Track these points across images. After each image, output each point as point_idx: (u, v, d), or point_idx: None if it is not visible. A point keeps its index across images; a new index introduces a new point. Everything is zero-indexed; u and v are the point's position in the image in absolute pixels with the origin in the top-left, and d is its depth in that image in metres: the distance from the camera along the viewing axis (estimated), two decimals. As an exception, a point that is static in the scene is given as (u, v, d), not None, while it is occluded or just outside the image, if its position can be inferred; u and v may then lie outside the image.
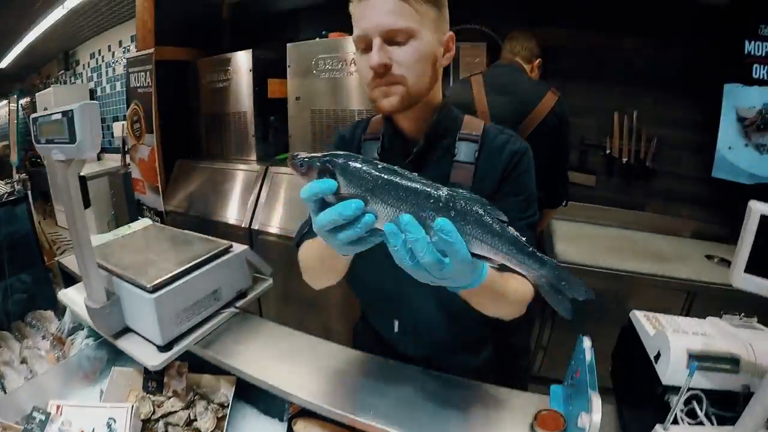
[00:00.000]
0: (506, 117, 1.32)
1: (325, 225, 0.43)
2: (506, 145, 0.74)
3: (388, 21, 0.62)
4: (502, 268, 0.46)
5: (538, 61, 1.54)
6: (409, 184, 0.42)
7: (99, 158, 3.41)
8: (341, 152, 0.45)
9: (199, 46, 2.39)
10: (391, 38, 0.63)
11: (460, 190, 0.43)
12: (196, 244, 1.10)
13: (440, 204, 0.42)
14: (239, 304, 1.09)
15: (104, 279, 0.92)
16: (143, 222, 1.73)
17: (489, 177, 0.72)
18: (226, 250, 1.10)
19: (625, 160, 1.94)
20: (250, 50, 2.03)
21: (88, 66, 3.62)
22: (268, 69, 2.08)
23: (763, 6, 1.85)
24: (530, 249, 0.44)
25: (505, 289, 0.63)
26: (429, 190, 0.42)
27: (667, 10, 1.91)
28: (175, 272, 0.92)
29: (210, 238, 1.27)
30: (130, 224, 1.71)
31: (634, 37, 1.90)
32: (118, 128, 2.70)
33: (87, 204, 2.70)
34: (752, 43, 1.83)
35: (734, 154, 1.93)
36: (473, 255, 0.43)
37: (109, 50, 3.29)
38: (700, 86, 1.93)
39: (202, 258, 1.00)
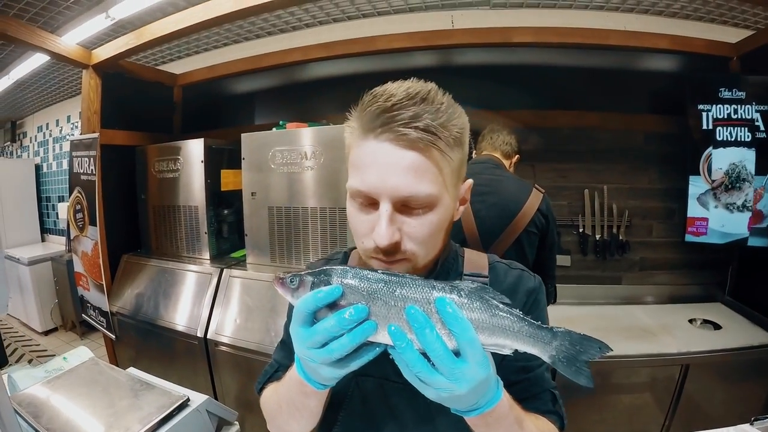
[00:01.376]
0: (493, 219, 1.24)
1: (321, 336, 0.41)
2: (519, 284, 0.64)
3: (406, 184, 0.48)
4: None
5: (516, 157, 1.50)
6: (412, 283, 0.43)
7: (43, 240, 3.13)
8: (331, 267, 0.45)
9: (150, 130, 2.25)
10: (405, 205, 0.49)
11: (463, 283, 0.44)
12: (146, 396, 0.93)
13: (444, 295, 0.42)
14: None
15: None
16: (81, 354, 1.52)
17: None
18: (183, 405, 0.93)
19: (598, 236, 1.91)
20: (202, 139, 1.90)
21: (35, 139, 3.40)
22: (221, 159, 1.94)
23: (722, 71, 1.95)
24: (538, 323, 0.44)
25: (522, 423, 0.52)
26: (430, 287, 0.42)
27: (626, 84, 1.97)
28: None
29: (163, 386, 1.08)
30: (65, 356, 1.50)
31: (597, 113, 1.93)
32: (63, 210, 2.48)
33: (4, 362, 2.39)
34: (714, 107, 1.90)
35: (705, 218, 1.95)
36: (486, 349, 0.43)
37: (57, 125, 3.10)
38: (665, 154, 1.97)
39: (155, 421, 0.82)
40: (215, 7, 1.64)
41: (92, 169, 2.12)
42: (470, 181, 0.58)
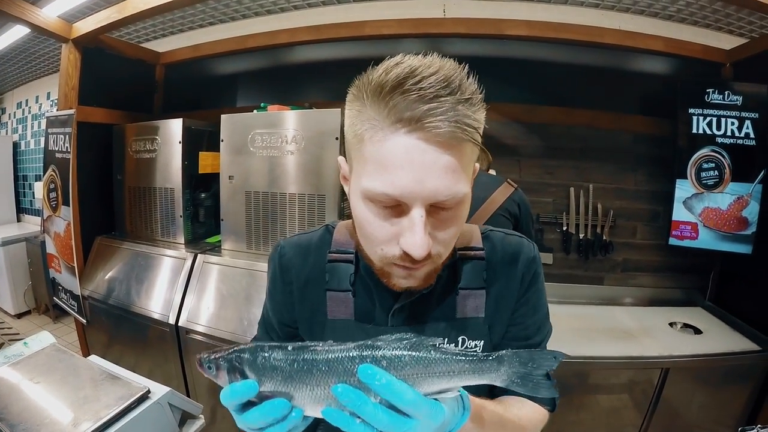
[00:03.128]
0: None
1: (251, 426, 0.40)
2: (519, 253, 0.59)
3: (446, 187, 0.43)
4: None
5: (480, 166, 1.51)
6: (330, 356, 0.39)
7: (18, 219, 3.03)
8: (247, 346, 0.42)
9: (129, 108, 2.17)
10: (434, 206, 0.44)
11: (382, 337, 0.40)
12: (105, 387, 0.89)
13: (367, 361, 0.38)
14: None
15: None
16: (42, 339, 1.46)
17: (505, 300, 0.59)
18: (144, 398, 0.89)
19: (582, 235, 1.89)
20: (181, 119, 1.83)
21: (14, 116, 3.28)
22: (200, 140, 1.88)
23: (715, 76, 1.94)
24: (480, 355, 0.42)
25: (503, 424, 0.51)
26: (348, 355, 0.39)
27: (618, 84, 1.95)
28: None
29: (125, 376, 1.04)
30: (26, 341, 1.45)
31: (586, 111, 1.90)
32: (40, 189, 2.39)
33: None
34: (705, 111, 1.88)
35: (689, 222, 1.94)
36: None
37: (37, 102, 3.00)
38: (653, 156, 1.96)
39: (111, 414, 0.78)
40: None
41: (67, 147, 2.03)
42: (477, 164, 0.52)
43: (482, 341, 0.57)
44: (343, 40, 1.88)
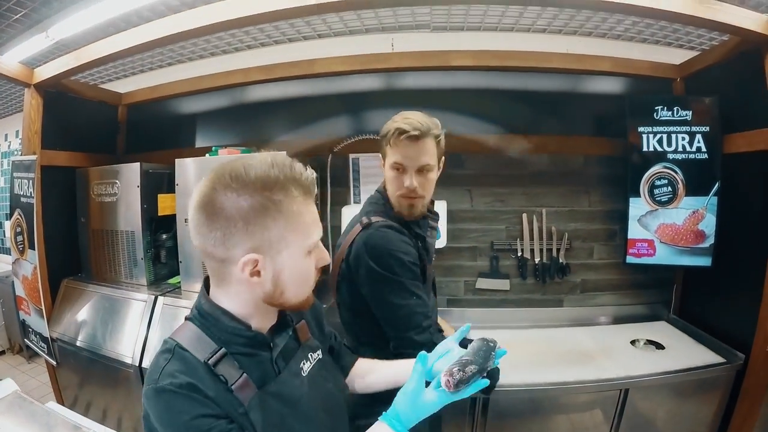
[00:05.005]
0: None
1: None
2: None
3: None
4: None
5: None
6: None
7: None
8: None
9: (93, 150, 2.20)
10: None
11: None
12: None
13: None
14: None
15: None
16: (5, 387, 1.47)
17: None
18: None
19: (537, 260, 1.91)
20: (138, 163, 1.86)
21: (-20, 155, 3.32)
22: (160, 182, 1.91)
23: (666, 92, 1.99)
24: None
25: None
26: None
27: (568, 107, 1.98)
28: None
29: (80, 424, 1.06)
30: None
31: (535, 137, 1.93)
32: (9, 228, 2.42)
33: None
34: (655, 128, 1.90)
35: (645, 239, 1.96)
36: None
37: (6, 140, 3.02)
38: (606, 176, 1.99)
39: None
40: (152, 29, 1.62)
41: (31, 192, 2.06)
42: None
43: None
44: (295, 79, 1.92)
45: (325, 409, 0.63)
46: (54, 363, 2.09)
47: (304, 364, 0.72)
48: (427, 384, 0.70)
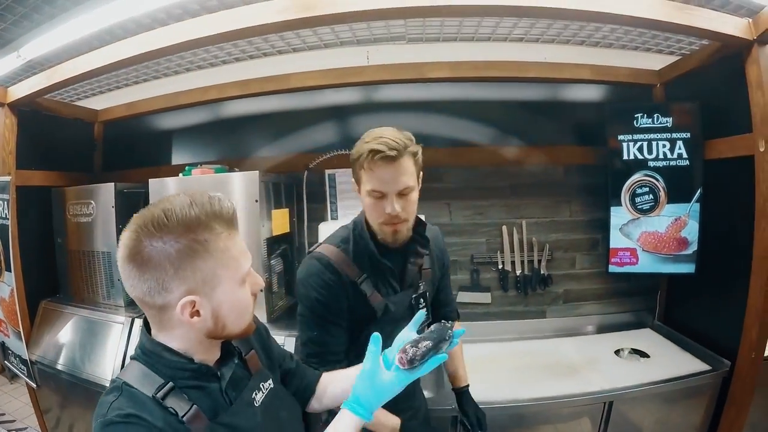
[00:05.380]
0: None
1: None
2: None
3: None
4: None
5: None
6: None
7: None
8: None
9: (69, 169, 2.17)
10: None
11: None
12: None
13: None
14: None
15: None
16: None
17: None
18: None
19: (519, 271, 1.89)
20: (113, 184, 1.84)
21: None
22: (136, 201, 1.88)
23: (646, 99, 1.97)
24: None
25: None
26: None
27: (547, 117, 1.96)
28: None
29: None
30: None
31: (514, 148, 1.92)
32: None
33: None
34: (635, 136, 1.88)
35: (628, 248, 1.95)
36: None
37: (-11, 157, 2.99)
38: (587, 186, 1.97)
39: None
40: (123, 48, 1.59)
41: (6, 213, 2.04)
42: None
43: None
44: (270, 94, 1.90)
45: None
46: (34, 385, 2.06)
47: (256, 394, 0.72)
48: None
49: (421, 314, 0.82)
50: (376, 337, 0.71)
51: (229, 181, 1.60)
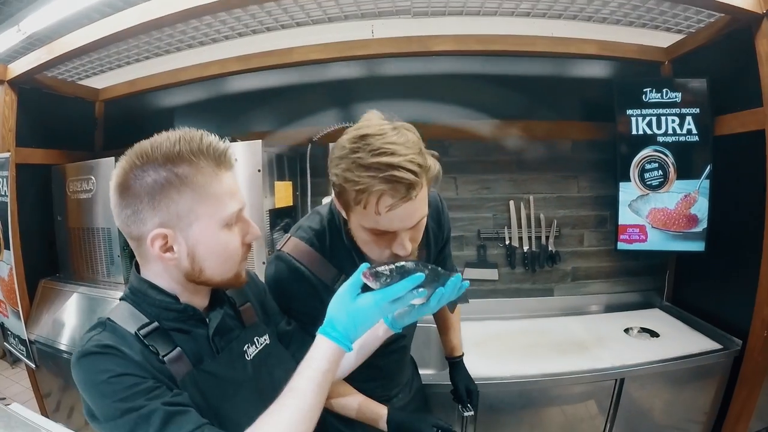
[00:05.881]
0: None
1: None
2: None
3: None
4: None
5: None
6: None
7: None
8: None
9: (69, 147, 2.15)
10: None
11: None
12: None
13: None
14: None
15: None
16: None
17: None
18: None
19: (526, 248, 1.86)
20: (113, 158, 1.81)
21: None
22: (136, 177, 1.86)
23: (654, 75, 1.94)
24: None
25: None
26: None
27: (554, 92, 1.93)
28: None
29: (40, 425, 1.03)
30: None
31: (521, 122, 1.89)
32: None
33: None
34: (644, 111, 1.85)
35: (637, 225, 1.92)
36: None
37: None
38: (595, 161, 1.94)
39: None
40: (125, 18, 1.57)
41: (6, 191, 2.01)
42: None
43: None
44: (272, 68, 1.87)
45: (274, 397, 0.58)
46: (33, 366, 2.03)
47: (248, 347, 0.69)
48: None
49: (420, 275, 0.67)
50: (362, 265, 0.63)
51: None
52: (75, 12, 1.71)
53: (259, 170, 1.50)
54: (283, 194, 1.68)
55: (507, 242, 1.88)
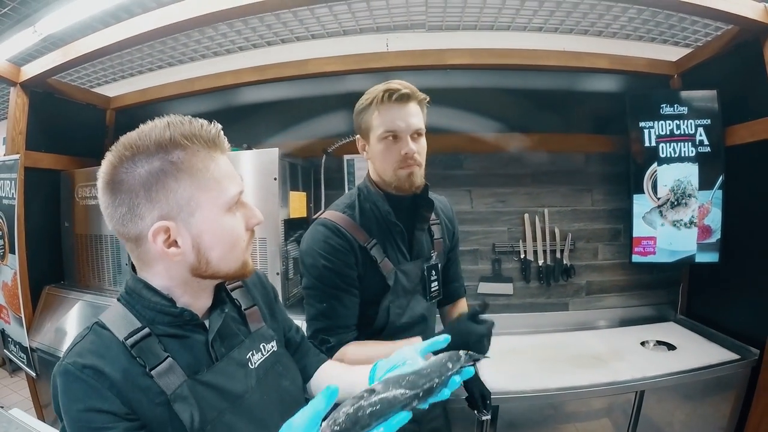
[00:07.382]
0: None
1: None
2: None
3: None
4: None
5: None
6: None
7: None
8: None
9: (79, 154, 2.13)
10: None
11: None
12: None
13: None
14: None
15: None
16: None
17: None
18: None
19: (541, 261, 1.84)
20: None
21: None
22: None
23: (663, 87, 1.96)
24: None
25: None
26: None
27: (567, 105, 1.95)
28: None
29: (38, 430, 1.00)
30: None
31: (535, 135, 1.89)
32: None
33: None
34: (656, 123, 1.87)
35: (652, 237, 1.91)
36: None
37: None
38: (608, 174, 1.94)
39: None
40: (141, 22, 1.58)
41: (13, 193, 1.99)
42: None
43: None
44: (287, 80, 1.88)
45: (281, 410, 0.54)
46: (33, 374, 1.98)
47: (253, 355, 0.64)
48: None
49: (445, 338, 0.64)
50: (330, 392, 0.47)
51: (247, 159, 1.56)
52: (91, 16, 1.72)
53: (275, 178, 1.49)
54: (298, 204, 1.66)
55: (522, 256, 1.86)
